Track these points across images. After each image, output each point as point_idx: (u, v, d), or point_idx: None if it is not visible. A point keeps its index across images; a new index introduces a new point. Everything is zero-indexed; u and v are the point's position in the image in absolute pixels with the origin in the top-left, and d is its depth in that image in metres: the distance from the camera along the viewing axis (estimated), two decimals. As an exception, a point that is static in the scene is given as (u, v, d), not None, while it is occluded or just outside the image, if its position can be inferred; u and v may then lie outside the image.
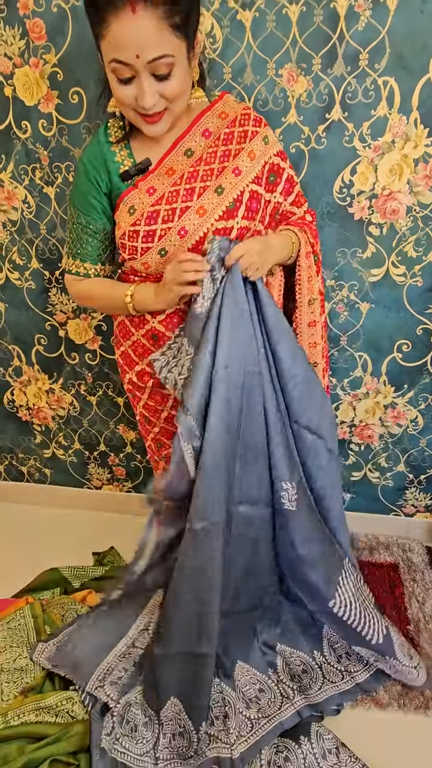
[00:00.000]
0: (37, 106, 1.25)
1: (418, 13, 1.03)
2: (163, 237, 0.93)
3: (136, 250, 0.95)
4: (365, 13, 1.04)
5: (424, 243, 1.24)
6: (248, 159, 0.94)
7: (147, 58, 0.78)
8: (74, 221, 0.99)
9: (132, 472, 1.77)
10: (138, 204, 0.93)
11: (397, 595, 1.46)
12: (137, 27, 0.75)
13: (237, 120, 0.95)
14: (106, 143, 0.95)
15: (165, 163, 0.94)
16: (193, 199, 0.92)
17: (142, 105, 0.83)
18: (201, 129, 0.94)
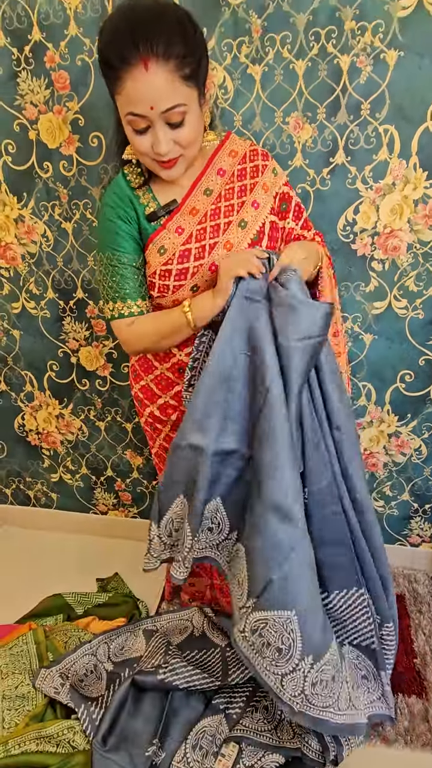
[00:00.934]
0: (59, 148, 1.33)
1: (416, 69, 1.11)
2: (196, 274, 0.97)
3: (168, 288, 0.98)
4: (366, 68, 1.12)
5: (424, 278, 1.29)
6: (263, 192, 1.00)
7: (161, 109, 0.83)
8: (107, 264, 0.99)
9: (138, 497, 1.78)
10: (168, 244, 0.97)
11: (404, 627, 1.45)
12: (150, 82, 0.80)
13: (247, 156, 1.01)
14: (128, 188, 0.99)
15: (187, 204, 0.98)
16: (220, 235, 0.98)
17: (158, 152, 0.88)
18: (215, 168, 1.00)
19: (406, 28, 1.08)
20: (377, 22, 1.08)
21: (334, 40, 1.11)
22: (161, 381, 1.10)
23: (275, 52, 1.14)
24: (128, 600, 1.54)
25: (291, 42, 1.13)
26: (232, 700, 1.22)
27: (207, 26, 1.13)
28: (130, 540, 1.83)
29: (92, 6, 1.18)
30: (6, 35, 1.25)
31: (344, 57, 1.12)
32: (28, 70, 1.27)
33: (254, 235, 0.99)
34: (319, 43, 1.12)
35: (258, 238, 0.99)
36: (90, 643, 1.34)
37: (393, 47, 1.10)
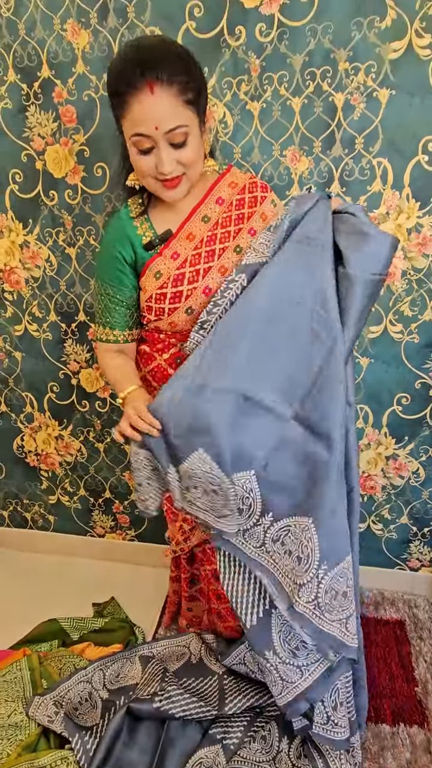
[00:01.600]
0: (65, 177, 1.38)
1: (407, 106, 1.17)
2: (190, 296, 1.01)
3: (163, 311, 1.02)
4: (360, 105, 1.18)
5: (419, 303, 1.32)
6: (261, 220, 1.04)
7: (164, 129, 0.88)
8: (102, 293, 1.05)
9: (136, 519, 1.77)
10: (164, 269, 1.01)
11: (404, 655, 1.42)
12: (155, 104, 0.86)
13: (246, 188, 1.05)
14: (127, 220, 1.03)
15: (185, 229, 1.02)
16: (215, 260, 1.01)
17: (161, 171, 0.91)
18: (215, 197, 1.04)
19: (397, 69, 1.14)
20: (369, 63, 1.14)
21: (329, 80, 1.17)
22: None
23: (273, 89, 1.20)
24: (125, 625, 1.52)
25: (288, 81, 1.19)
26: (230, 729, 1.19)
27: (208, 66, 1.19)
28: (128, 564, 1.81)
29: (99, 46, 1.24)
30: (17, 72, 1.31)
31: (339, 95, 1.18)
32: (36, 104, 1.33)
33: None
34: (315, 82, 1.18)
35: None
36: (85, 670, 1.32)
37: (385, 86, 1.16)
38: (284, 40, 1.16)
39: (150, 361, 1.11)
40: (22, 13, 1.25)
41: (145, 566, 1.79)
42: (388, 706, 1.28)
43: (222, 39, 1.17)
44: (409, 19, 1.10)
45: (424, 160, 1.20)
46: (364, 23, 1.12)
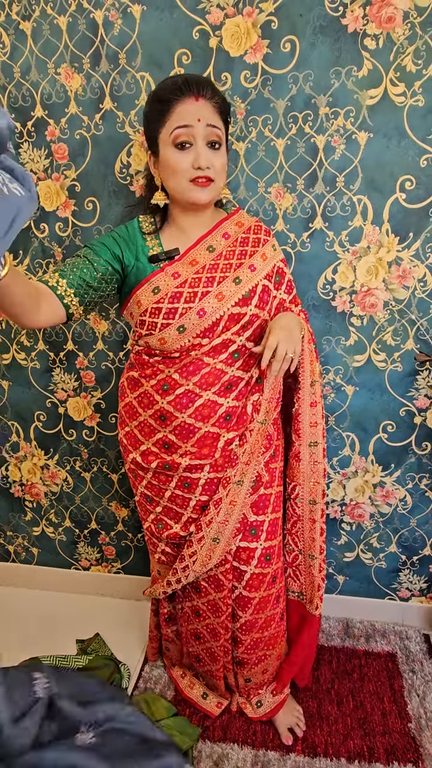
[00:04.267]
0: (56, 211, 1.41)
1: (384, 148, 1.23)
2: (184, 315, 1.03)
3: (155, 326, 1.03)
4: (340, 147, 1.24)
5: (401, 333, 1.36)
6: (261, 260, 1.09)
7: (206, 122, 0.97)
8: (79, 255, 1.03)
9: (122, 551, 1.74)
10: (163, 285, 1.04)
11: (396, 689, 1.40)
12: (199, 106, 0.98)
13: (251, 228, 1.12)
14: (138, 230, 1.08)
15: (190, 254, 1.06)
16: (213, 286, 1.04)
17: (198, 164, 0.98)
18: (222, 232, 1.09)
19: (374, 114, 1.21)
20: (348, 108, 1.21)
21: (311, 123, 1.23)
22: (144, 427, 1.12)
23: (257, 131, 1.26)
24: (109, 663, 1.47)
25: (272, 123, 1.25)
26: None
27: (196, 108, 1.25)
28: (113, 598, 1.76)
29: (92, 89, 1.30)
30: (11, 111, 1.35)
31: (320, 137, 1.24)
32: (29, 141, 1.37)
33: (246, 292, 1.05)
34: (297, 124, 1.24)
35: (249, 296, 1.06)
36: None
37: (363, 130, 1.22)
38: (267, 86, 1.22)
39: (137, 387, 1.12)
40: (17, 57, 1.31)
41: (131, 600, 1.75)
42: (381, 744, 1.25)
43: (209, 84, 1.23)
44: (384, 69, 1.18)
45: (402, 198, 1.26)
46: (343, 72, 1.19)
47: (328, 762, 1.21)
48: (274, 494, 1.18)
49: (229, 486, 1.11)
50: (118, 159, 1.33)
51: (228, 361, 1.08)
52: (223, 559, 1.15)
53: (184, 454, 1.09)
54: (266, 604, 1.20)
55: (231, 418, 1.10)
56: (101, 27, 1.25)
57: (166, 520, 1.18)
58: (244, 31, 1.19)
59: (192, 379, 1.06)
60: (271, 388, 1.10)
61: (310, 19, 1.16)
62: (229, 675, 1.30)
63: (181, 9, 1.20)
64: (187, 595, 1.25)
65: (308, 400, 1.15)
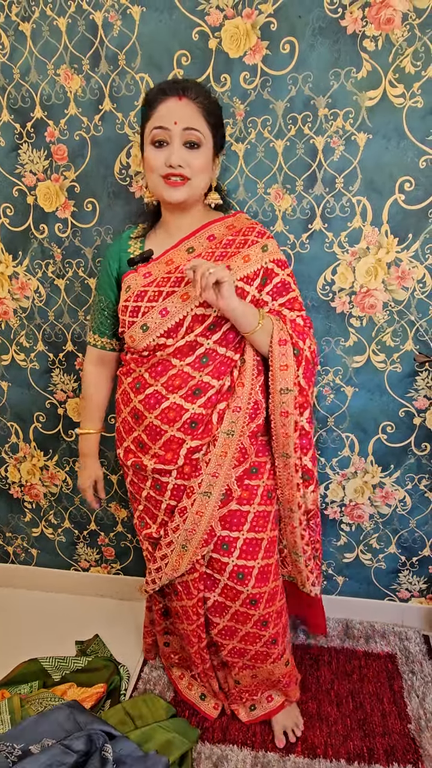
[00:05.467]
0: (55, 212, 1.41)
1: (384, 149, 1.23)
2: (146, 314, 1.04)
3: (125, 323, 1.08)
4: (339, 148, 1.24)
5: (400, 334, 1.36)
6: (241, 261, 1.05)
7: (182, 125, 0.98)
8: (94, 301, 1.19)
9: (121, 552, 1.74)
10: (133, 284, 1.07)
11: (396, 690, 1.39)
12: (180, 107, 0.99)
13: (242, 231, 1.09)
14: (126, 239, 1.14)
15: (167, 255, 1.07)
16: (181, 286, 1.04)
17: (170, 162, 0.99)
18: (207, 234, 1.08)
19: (374, 115, 1.21)
20: (347, 109, 1.21)
21: (310, 124, 1.24)
22: (125, 424, 1.14)
23: (257, 132, 1.26)
24: (108, 664, 1.47)
25: (271, 124, 1.25)
26: None
27: (195, 109, 1.25)
28: (113, 599, 1.76)
29: (91, 90, 1.30)
30: (10, 112, 1.36)
31: (319, 138, 1.24)
32: (29, 143, 1.37)
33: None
34: (296, 126, 1.24)
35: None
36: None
37: (362, 131, 1.22)
38: (267, 87, 1.22)
39: (120, 384, 1.17)
40: (16, 58, 1.31)
41: (130, 601, 1.75)
42: (381, 745, 1.25)
43: (208, 86, 1.23)
44: (383, 71, 1.18)
45: (401, 199, 1.26)
46: (342, 73, 1.19)
47: (327, 763, 1.21)
48: (253, 513, 1.12)
49: (194, 496, 1.09)
50: (118, 160, 1.33)
51: (195, 364, 1.05)
52: (192, 567, 1.14)
53: (152, 456, 1.10)
54: (246, 619, 1.16)
55: (197, 426, 1.06)
56: (101, 28, 1.25)
57: (146, 519, 1.19)
58: (243, 32, 1.19)
59: (160, 380, 1.06)
60: (238, 396, 1.06)
61: (309, 20, 1.16)
62: (213, 682, 1.30)
63: (180, 10, 1.20)
64: (168, 594, 1.26)
65: (278, 409, 1.07)
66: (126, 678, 1.45)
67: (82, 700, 1.32)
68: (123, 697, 1.40)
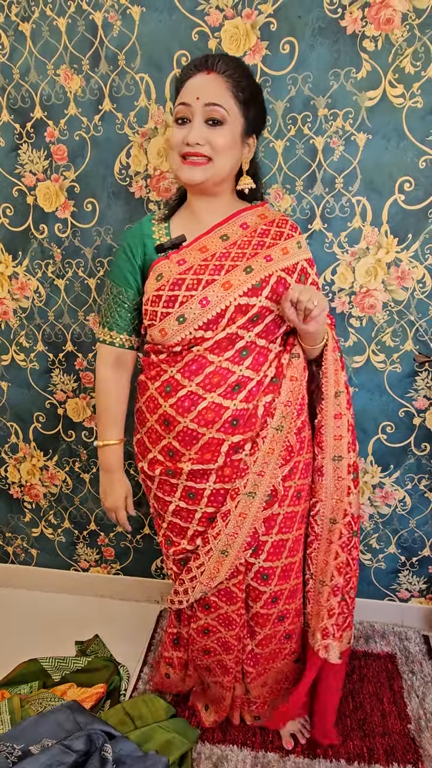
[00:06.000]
0: (55, 212, 1.41)
1: (383, 149, 1.23)
2: (184, 304, 0.96)
3: (156, 315, 0.98)
4: (339, 148, 1.24)
5: (400, 334, 1.36)
6: (281, 253, 1.00)
7: (205, 100, 0.93)
8: (108, 292, 1.08)
9: (121, 552, 1.74)
10: (166, 272, 0.99)
11: (396, 690, 1.39)
12: (206, 81, 0.94)
13: (275, 222, 1.04)
14: (148, 222, 1.05)
15: (200, 242, 1.00)
16: (221, 274, 0.97)
17: (188, 140, 0.93)
18: (240, 222, 1.02)
19: (373, 115, 1.21)
20: (347, 110, 1.21)
21: (309, 124, 1.24)
22: (152, 434, 1.07)
23: (257, 132, 1.26)
24: (108, 664, 1.46)
25: (271, 124, 1.25)
26: None
27: (195, 110, 1.25)
28: (113, 599, 1.76)
29: (91, 90, 1.30)
30: (10, 113, 1.36)
31: (319, 138, 1.24)
32: (29, 143, 1.37)
33: (257, 282, 0.97)
34: (296, 126, 1.24)
35: (261, 286, 0.97)
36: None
37: (362, 131, 1.22)
38: (267, 87, 1.22)
39: (145, 390, 1.08)
40: (16, 58, 1.31)
41: (130, 601, 1.75)
42: (381, 745, 1.25)
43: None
44: (383, 71, 1.18)
45: (401, 199, 1.26)
46: (342, 73, 1.19)
47: (327, 763, 1.20)
48: (282, 514, 1.08)
49: (238, 497, 1.03)
50: (118, 160, 1.33)
51: (235, 359, 0.99)
52: (235, 570, 1.08)
53: (187, 461, 1.02)
54: (265, 621, 1.14)
55: (238, 423, 1.00)
56: (100, 28, 1.25)
57: (172, 537, 1.11)
58: (243, 32, 1.19)
59: (195, 380, 0.98)
60: (290, 391, 1.02)
61: (309, 20, 1.17)
62: (239, 685, 1.23)
63: (180, 10, 1.20)
64: (193, 615, 1.17)
65: (332, 411, 1.07)
66: (126, 678, 1.45)
67: (82, 700, 1.32)
68: (123, 697, 1.40)
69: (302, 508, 1.12)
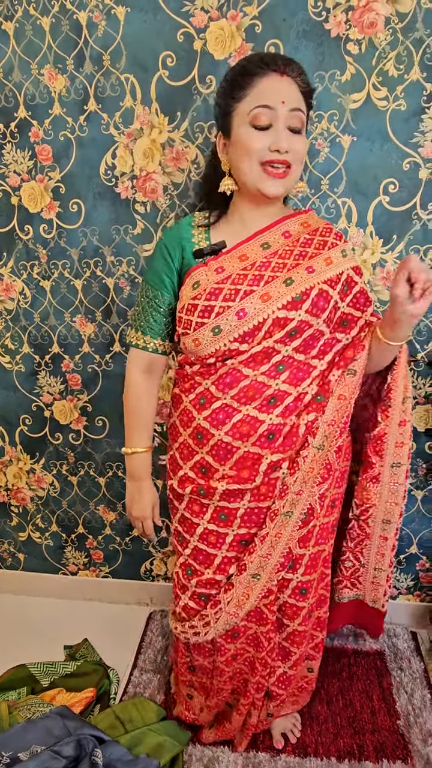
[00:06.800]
0: (40, 213, 1.40)
1: (368, 151, 1.24)
2: (221, 315, 0.91)
3: (191, 325, 0.94)
4: (324, 150, 1.25)
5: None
6: (324, 263, 0.95)
7: (290, 105, 0.88)
8: (143, 295, 1.03)
9: (110, 555, 1.73)
10: (203, 280, 0.94)
11: (385, 687, 1.41)
12: (284, 84, 0.89)
13: (319, 231, 0.99)
14: (187, 225, 1.00)
15: (240, 249, 0.95)
16: (260, 285, 0.92)
17: (277, 146, 0.87)
18: (282, 230, 0.97)
19: (358, 117, 1.22)
20: (332, 111, 1.22)
21: (295, 126, 1.24)
22: (184, 449, 1.03)
23: (242, 134, 1.26)
24: (98, 668, 1.45)
25: (256, 126, 1.25)
26: None
27: (181, 110, 1.25)
28: (102, 602, 1.75)
29: (75, 90, 1.29)
30: (-7, 112, 1.34)
31: (304, 140, 1.25)
32: (13, 143, 1.36)
33: (297, 294, 0.92)
34: (282, 127, 1.25)
35: (301, 299, 0.92)
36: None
37: (347, 133, 1.23)
38: (252, 89, 1.23)
39: (179, 404, 1.03)
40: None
41: (119, 604, 1.74)
42: (371, 742, 1.26)
43: (194, 87, 1.24)
44: (367, 74, 1.19)
45: (385, 201, 1.27)
46: (326, 76, 1.20)
47: (318, 762, 1.21)
48: (318, 526, 1.05)
49: (276, 518, 0.99)
50: (103, 161, 1.33)
51: (271, 373, 0.94)
52: (267, 591, 1.05)
53: (221, 478, 0.97)
54: (302, 639, 1.14)
55: (275, 438, 0.95)
56: (85, 28, 1.24)
57: (194, 565, 1.05)
58: (228, 34, 1.20)
59: (229, 392, 0.94)
60: (336, 410, 0.97)
61: (293, 23, 1.17)
62: (255, 712, 1.19)
63: (165, 11, 1.20)
64: (218, 648, 1.10)
65: (397, 418, 1.03)
66: (116, 682, 1.44)
67: (72, 705, 1.31)
68: (113, 701, 1.39)
69: (335, 518, 1.10)
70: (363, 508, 1.12)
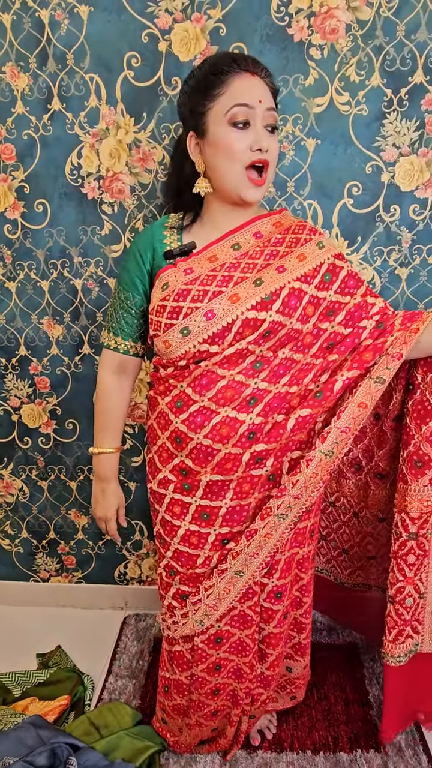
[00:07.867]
0: (4, 213, 1.37)
1: (332, 154, 1.27)
2: (189, 316, 0.90)
3: (160, 326, 0.93)
4: (290, 153, 1.27)
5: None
6: (296, 261, 0.94)
7: (266, 105, 0.89)
8: (115, 296, 1.03)
9: (83, 560, 1.70)
10: (172, 281, 0.93)
11: (358, 678, 1.44)
12: (257, 83, 0.90)
13: (291, 229, 0.98)
14: (160, 226, 1.00)
15: (210, 250, 0.95)
16: (229, 286, 0.91)
17: (259, 145, 0.88)
18: (253, 230, 0.97)
19: (321, 121, 1.25)
20: (296, 115, 1.24)
21: (261, 128, 1.26)
22: (162, 452, 1.02)
23: (209, 135, 1.27)
24: (72, 675, 1.43)
25: (223, 128, 1.26)
26: None
27: (147, 112, 1.25)
28: (75, 608, 1.72)
29: (39, 89, 1.27)
30: None
31: (270, 142, 1.27)
32: (-26, 141, 1.32)
33: (266, 295, 0.90)
34: (248, 130, 1.26)
35: (270, 299, 0.90)
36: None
37: (311, 137, 1.26)
38: (218, 91, 1.23)
39: (155, 406, 1.02)
40: (-41, 54, 1.26)
41: (92, 609, 1.71)
42: (345, 733, 1.28)
43: (159, 88, 1.24)
44: (330, 79, 1.22)
45: (350, 203, 1.30)
46: (290, 80, 1.22)
47: (294, 755, 1.23)
48: (295, 531, 1.06)
49: (268, 518, 0.98)
50: (69, 160, 1.31)
51: (248, 372, 0.93)
52: (249, 591, 1.04)
53: (204, 474, 0.97)
54: (278, 641, 1.13)
55: (255, 437, 0.95)
56: (47, 26, 1.22)
57: (177, 568, 1.05)
58: (192, 36, 1.20)
59: (207, 394, 0.92)
60: (353, 418, 0.96)
61: (257, 27, 1.19)
62: (245, 718, 1.18)
63: (129, 12, 1.20)
64: (200, 655, 1.08)
65: None
66: (90, 688, 1.42)
67: (45, 713, 1.28)
68: (87, 707, 1.37)
69: (312, 522, 1.10)
70: (423, 520, 1.04)
